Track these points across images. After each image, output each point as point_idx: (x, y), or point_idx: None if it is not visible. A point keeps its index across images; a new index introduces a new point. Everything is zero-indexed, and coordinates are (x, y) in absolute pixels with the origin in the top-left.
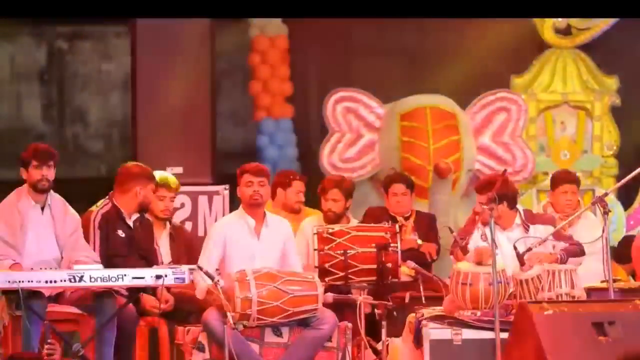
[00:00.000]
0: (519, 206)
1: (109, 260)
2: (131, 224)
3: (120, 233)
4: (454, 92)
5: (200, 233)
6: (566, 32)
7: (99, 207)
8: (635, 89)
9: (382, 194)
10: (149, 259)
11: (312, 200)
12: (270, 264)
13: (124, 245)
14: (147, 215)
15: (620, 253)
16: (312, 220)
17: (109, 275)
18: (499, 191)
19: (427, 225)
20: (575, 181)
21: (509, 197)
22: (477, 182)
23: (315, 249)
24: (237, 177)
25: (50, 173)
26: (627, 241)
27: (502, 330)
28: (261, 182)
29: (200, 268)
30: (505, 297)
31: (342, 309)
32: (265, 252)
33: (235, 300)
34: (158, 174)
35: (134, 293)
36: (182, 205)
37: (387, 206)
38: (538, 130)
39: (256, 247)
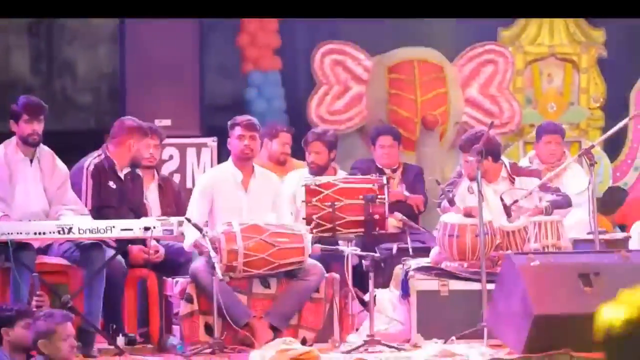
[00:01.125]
0: (504, 159)
1: (99, 211)
2: (122, 177)
3: (112, 184)
4: (442, 45)
5: (189, 185)
6: None
7: (92, 158)
8: (621, 41)
9: (369, 147)
10: (138, 213)
11: (300, 152)
12: (258, 216)
13: (115, 197)
14: (137, 170)
15: (606, 204)
16: (297, 173)
17: (97, 227)
18: (485, 146)
19: (414, 178)
20: (559, 131)
21: (492, 151)
22: (460, 139)
23: (303, 201)
24: (228, 129)
25: (40, 127)
26: (612, 192)
27: (488, 281)
28: (252, 136)
29: (189, 220)
30: (491, 249)
31: (330, 260)
32: (253, 205)
33: (222, 252)
34: None
35: (123, 245)
36: (171, 157)
37: (374, 158)
38: (525, 83)
39: (244, 200)
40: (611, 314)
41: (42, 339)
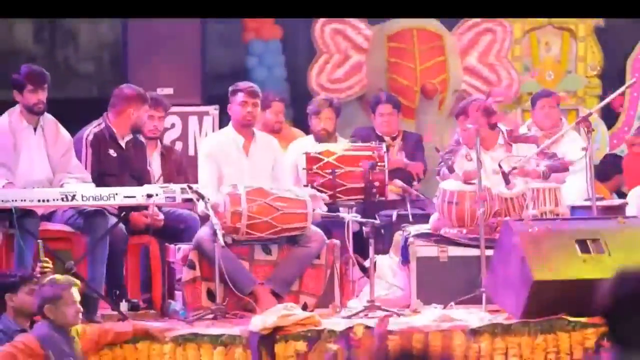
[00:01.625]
0: (501, 126)
1: (101, 179)
2: (123, 145)
3: (112, 153)
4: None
5: (191, 153)
6: None
7: (92, 127)
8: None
9: (369, 115)
10: (141, 179)
11: (299, 119)
12: (259, 180)
13: (116, 165)
14: (139, 137)
15: (603, 171)
16: (301, 142)
17: (100, 194)
18: (480, 113)
19: (414, 145)
20: (551, 95)
21: (489, 118)
22: (457, 108)
23: (303, 168)
24: (229, 95)
25: (44, 95)
26: (609, 159)
27: (487, 247)
28: (255, 103)
29: (190, 187)
30: (490, 215)
31: (331, 227)
32: (255, 169)
33: (226, 213)
34: None
35: (125, 212)
36: (173, 125)
37: (374, 126)
38: (523, 51)
39: (245, 164)
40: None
41: (48, 304)
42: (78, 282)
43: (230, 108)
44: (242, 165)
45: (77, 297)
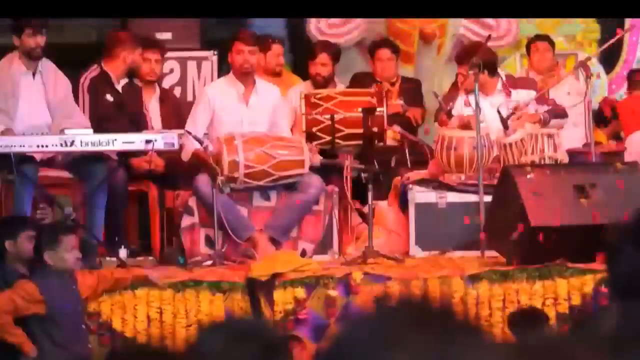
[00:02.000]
0: (500, 71)
1: (99, 124)
2: (120, 89)
3: (109, 97)
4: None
5: (189, 98)
6: None
7: (87, 72)
8: None
9: (368, 60)
10: (138, 123)
11: (299, 65)
12: (258, 130)
13: (113, 110)
14: (135, 81)
15: (602, 116)
16: (298, 88)
17: (99, 140)
18: (479, 58)
19: (412, 90)
20: (545, 38)
21: (488, 64)
22: (456, 51)
23: (302, 114)
24: (229, 43)
25: (43, 40)
26: (607, 104)
27: (485, 193)
28: (251, 50)
29: (189, 132)
30: (489, 161)
31: (329, 173)
32: (254, 118)
33: (223, 162)
34: None
35: (124, 158)
36: (171, 70)
37: (373, 71)
38: None
39: (245, 113)
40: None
41: (48, 250)
42: (77, 227)
43: (230, 56)
44: (241, 114)
45: (76, 242)
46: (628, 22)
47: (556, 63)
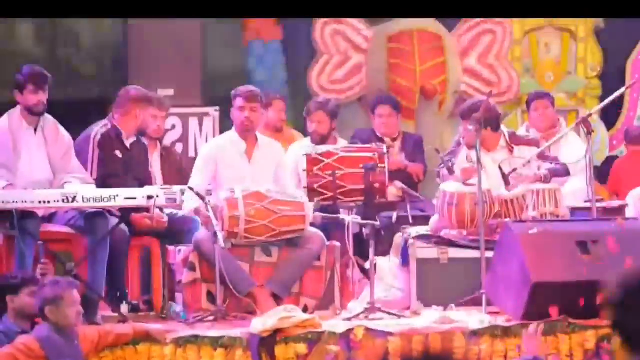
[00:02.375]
0: (503, 128)
1: (105, 180)
2: (128, 146)
3: (118, 154)
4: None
5: (191, 154)
6: None
7: (99, 127)
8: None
9: (369, 116)
10: (143, 181)
11: (300, 121)
12: (260, 186)
13: (121, 166)
14: (143, 138)
15: (604, 173)
16: (300, 144)
17: (101, 196)
18: (483, 115)
19: (414, 147)
20: (545, 97)
21: (492, 120)
22: (461, 107)
23: (304, 170)
24: (231, 99)
25: (45, 97)
26: (610, 162)
27: (487, 249)
28: (253, 107)
29: (191, 189)
30: (490, 217)
31: (331, 229)
32: (257, 175)
33: (224, 218)
34: None
35: (126, 213)
36: (173, 126)
37: (374, 128)
38: (523, 52)
39: (247, 170)
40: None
41: (49, 306)
42: (78, 283)
43: (231, 113)
44: (244, 170)
45: (78, 298)
46: (629, 79)
47: (557, 119)
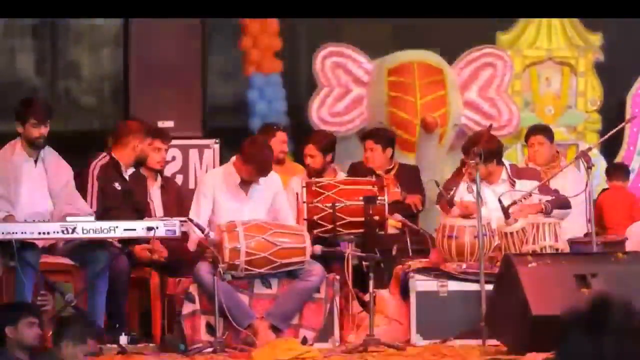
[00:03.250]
0: (505, 161)
1: (105, 212)
2: (127, 178)
3: (117, 186)
4: (440, 48)
5: (191, 186)
6: None
7: (97, 160)
8: (618, 45)
9: None
10: (142, 213)
11: (300, 154)
12: (259, 217)
13: (120, 198)
14: (141, 170)
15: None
16: (300, 177)
17: (101, 227)
18: (484, 147)
19: (410, 178)
20: (540, 132)
21: (494, 153)
22: (464, 142)
23: (304, 202)
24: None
25: (46, 130)
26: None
27: (487, 282)
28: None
29: (191, 220)
30: (490, 250)
31: (330, 261)
32: (254, 207)
33: (224, 250)
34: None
35: (126, 244)
36: (173, 158)
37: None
38: (523, 86)
39: (245, 202)
40: None
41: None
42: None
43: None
44: (242, 203)
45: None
46: (629, 113)
47: (556, 153)
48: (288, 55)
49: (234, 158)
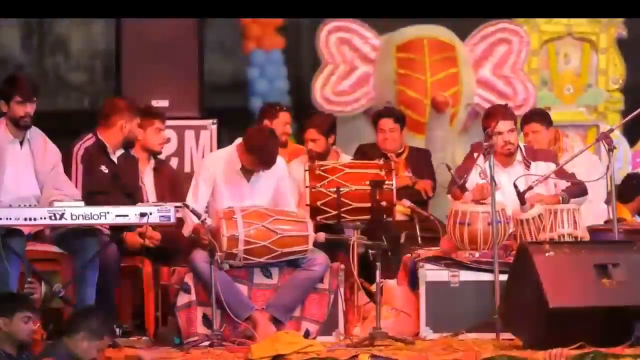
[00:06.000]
0: (520, 142)
1: (91, 197)
2: (115, 160)
3: (104, 169)
4: (453, 22)
5: (187, 169)
6: None
7: (82, 141)
8: None
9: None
10: (134, 197)
11: (302, 136)
12: (261, 203)
13: (108, 182)
14: (132, 151)
15: (625, 192)
16: (300, 160)
17: (91, 213)
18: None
19: (421, 162)
20: (532, 118)
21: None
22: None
23: (306, 187)
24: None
25: (32, 108)
26: (631, 179)
27: (501, 272)
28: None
29: (187, 206)
30: (504, 238)
31: (335, 249)
32: (255, 193)
33: (222, 238)
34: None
35: (117, 231)
36: (168, 140)
37: (377, 142)
38: (540, 63)
39: (246, 188)
40: None
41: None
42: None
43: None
44: (242, 188)
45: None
46: None
47: (556, 135)
48: (290, 30)
49: (238, 140)
